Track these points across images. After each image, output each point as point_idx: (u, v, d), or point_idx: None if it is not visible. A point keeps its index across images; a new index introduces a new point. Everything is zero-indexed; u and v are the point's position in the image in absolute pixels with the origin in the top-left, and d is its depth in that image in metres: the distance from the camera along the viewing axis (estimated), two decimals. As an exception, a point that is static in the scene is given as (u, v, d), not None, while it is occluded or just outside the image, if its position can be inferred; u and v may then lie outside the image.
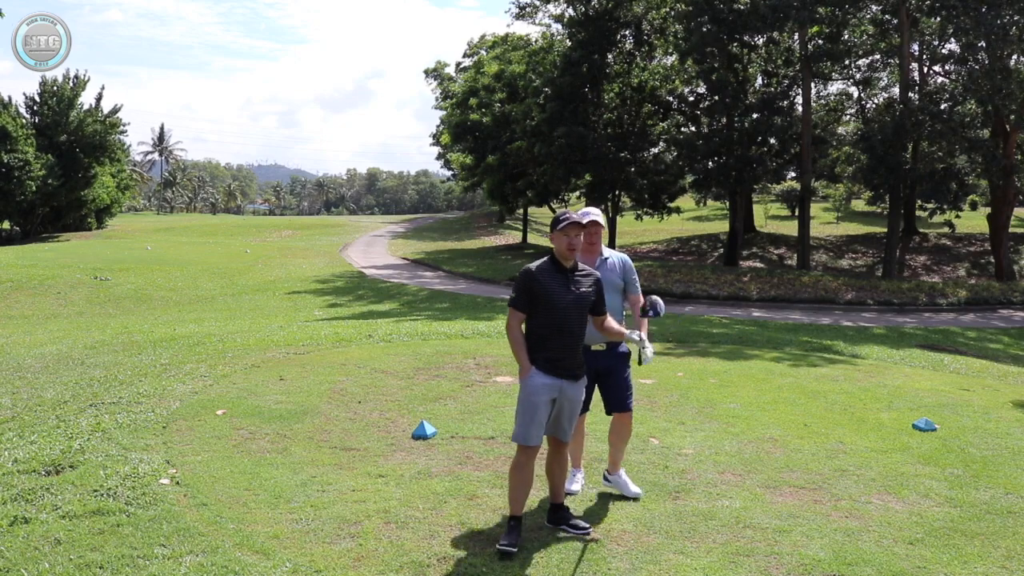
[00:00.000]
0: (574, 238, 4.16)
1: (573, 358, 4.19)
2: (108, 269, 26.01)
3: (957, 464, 5.62)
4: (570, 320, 4.15)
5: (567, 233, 4.15)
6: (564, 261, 4.19)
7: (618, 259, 4.83)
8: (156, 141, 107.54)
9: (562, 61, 30.38)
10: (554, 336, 4.14)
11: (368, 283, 25.83)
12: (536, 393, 4.12)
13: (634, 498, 4.70)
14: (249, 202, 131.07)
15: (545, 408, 4.14)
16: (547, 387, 4.13)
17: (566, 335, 4.15)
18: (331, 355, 9.19)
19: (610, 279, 4.71)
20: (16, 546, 3.90)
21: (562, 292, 4.14)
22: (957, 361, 10.99)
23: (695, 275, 25.68)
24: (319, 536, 4.11)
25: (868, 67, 32.11)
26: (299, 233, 47.10)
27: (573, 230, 4.15)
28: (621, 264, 4.83)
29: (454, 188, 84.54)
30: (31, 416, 6.63)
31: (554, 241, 4.23)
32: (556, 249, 4.21)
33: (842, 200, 49.40)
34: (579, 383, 4.24)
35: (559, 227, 4.15)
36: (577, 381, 4.22)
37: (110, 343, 11.30)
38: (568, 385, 4.19)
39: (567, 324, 4.14)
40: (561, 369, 4.15)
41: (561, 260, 4.20)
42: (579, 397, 4.26)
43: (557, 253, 4.21)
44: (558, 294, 4.13)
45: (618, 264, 4.82)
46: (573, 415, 4.26)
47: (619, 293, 4.80)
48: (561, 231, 4.15)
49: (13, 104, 43.67)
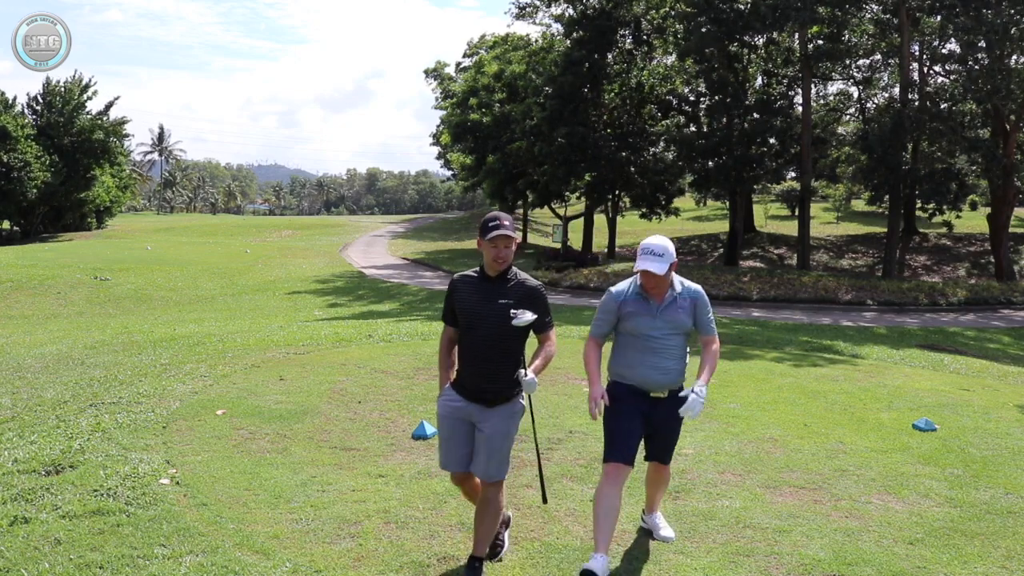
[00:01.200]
0: (503, 249, 3.68)
1: (487, 380, 3.70)
2: (108, 269, 26.00)
3: (957, 464, 5.62)
4: (489, 337, 3.67)
5: (496, 244, 3.67)
6: (490, 271, 3.76)
7: (691, 295, 4.02)
8: (156, 141, 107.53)
9: (562, 60, 30.39)
10: (468, 353, 3.74)
11: (368, 283, 25.83)
12: (443, 415, 3.79)
13: (665, 541, 4.21)
14: (249, 202, 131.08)
15: (460, 435, 3.75)
16: (454, 409, 3.75)
17: (480, 354, 3.69)
18: (331, 355, 9.19)
19: (676, 320, 3.97)
20: (16, 546, 3.90)
21: (481, 305, 3.70)
22: (957, 361, 10.98)
23: (695, 275, 25.66)
24: (319, 536, 4.11)
25: (868, 67, 32.11)
26: (299, 233, 47.11)
27: (503, 241, 3.67)
28: (692, 303, 4.02)
29: (454, 188, 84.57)
30: (31, 416, 6.62)
31: (481, 248, 3.74)
32: (484, 257, 3.76)
33: (842, 200, 49.38)
34: (497, 412, 3.72)
35: (488, 236, 3.67)
36: (491, 408, 3.71)
37: (110, 343, 11.29)
38: (479, 411, 3.72)
39: (484, 341, 3.68)
40: (470, 391, 3.72)
41: (488, 270, 3.76)
42: (501, 431, 3.72)
43: (484, 261, 3.77)
44: (477, 307, 3.70)
45: (689, 303, 4.01)
46: (493, 450, 3.71)
47: (684, 336, 4.03)
48: (490, 241, 3.67)
49: (16, 104, 43.70)
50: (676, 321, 3.96)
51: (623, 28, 31.22)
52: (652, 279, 3.90)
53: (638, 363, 3.94)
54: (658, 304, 3.95)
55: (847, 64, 30.62)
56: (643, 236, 4.53)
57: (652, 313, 3.94)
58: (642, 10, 30.55)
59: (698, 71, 29.79)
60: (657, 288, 3.93)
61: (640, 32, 31.39)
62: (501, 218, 3.69)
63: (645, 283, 3.94)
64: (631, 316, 3.96)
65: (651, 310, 3.95)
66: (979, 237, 37.42)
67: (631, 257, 35.85)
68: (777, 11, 25.63)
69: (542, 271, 27.61)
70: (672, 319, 3.96)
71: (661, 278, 3.88)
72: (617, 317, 4.00)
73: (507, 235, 3.65)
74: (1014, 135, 26.97)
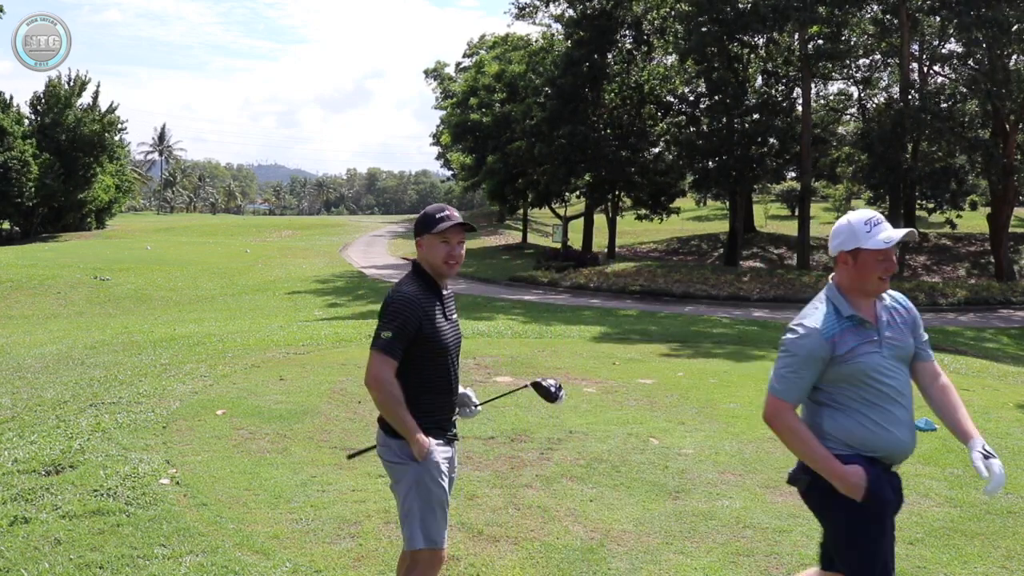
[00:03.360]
0: (457, 246, 2.93)
1: (452, 412, 3.09)
2: (108, 269, 26.00)
3: (957, 464, 5.61)
4: (455, 362, 3.03)
5: (449, 239, 2.90)
6: (439, 278, 2.97)
7: (903, 304, 2.80)
8: (156, 141, 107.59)
9: (563, 60, 30.41)
10: (441, 384, 2.97)
11: (368, 283, 25.83)
12: (444, 472, 2.95)
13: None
14: (249, 202, 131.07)
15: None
16: (449, 461, 3.02)
17: (450, 384, 3.01)
18: (331, 355, 9.20)
19: (902, 345, 2.72)
20: (16, 546, 3.90)
21: (443, 324, 2.95)
22: (957, 361, 10.99)
23: (695, 275, 25.68)
24: (319, 536, 4.11)
25: (868, 67, 32.13)
26: (299, 233, 47.11)
27: (457, 235, 2.92)
28: (910, 315, 2.79)
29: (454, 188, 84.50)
30: (31, 416, 6.62)
31: (426, 248, 2.92)
32: (428, 260, 2.93)
33: (842, 200, 49.37)
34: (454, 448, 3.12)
35: (438, 229, 2.88)
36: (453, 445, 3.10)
37: (110, 343, 11.29)
38: (454, 454, 3.11)
39: (452, 367, 3.00)
40: (445, 431, 3.02)
41: (435, 277, 2.96)
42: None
43: (429, 266, 2.94)
44: (443, 326, 2.94)
45: (907, 315, 2.78)
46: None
47: (908, 363, 2.75)
48: (439, 235, 2.89)
49: (14, 104, 43.72)
50: (903, 346, 2.71)
51: (623, 28, 31.24)
52: (891, 263, 2.65)
53: (884, 422, 2.63)
54: (873, 326, 2.67)
55: (847, 64, 30.62)
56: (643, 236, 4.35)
57: (877, 341, 2.66)
58: (642, 10, 30.56)
59: (698, 71, 29.79)
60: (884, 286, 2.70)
61: (640, 32, 31.40)
62: (448, 208, 2.95)
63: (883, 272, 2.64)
64: (855, 356, 2.61)
65: (872, 336, 2.66)
66: (979, 237, 37.40)
67: (631, 257, 35.89)
68: (777, 11, 25.64)
69: (542, 271, 27.62)
70: (898, 343, 2.70)
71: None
72: (825, 364, 2.63)
73: (462, 225, 2.91)
74: (1014, 135, 26.96)
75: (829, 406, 2.68)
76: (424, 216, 2.94)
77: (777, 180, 35.45)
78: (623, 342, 11.43)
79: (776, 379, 2.67)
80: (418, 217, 2.98)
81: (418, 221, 2.95)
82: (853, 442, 2.63)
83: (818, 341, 2.60)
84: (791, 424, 2.68)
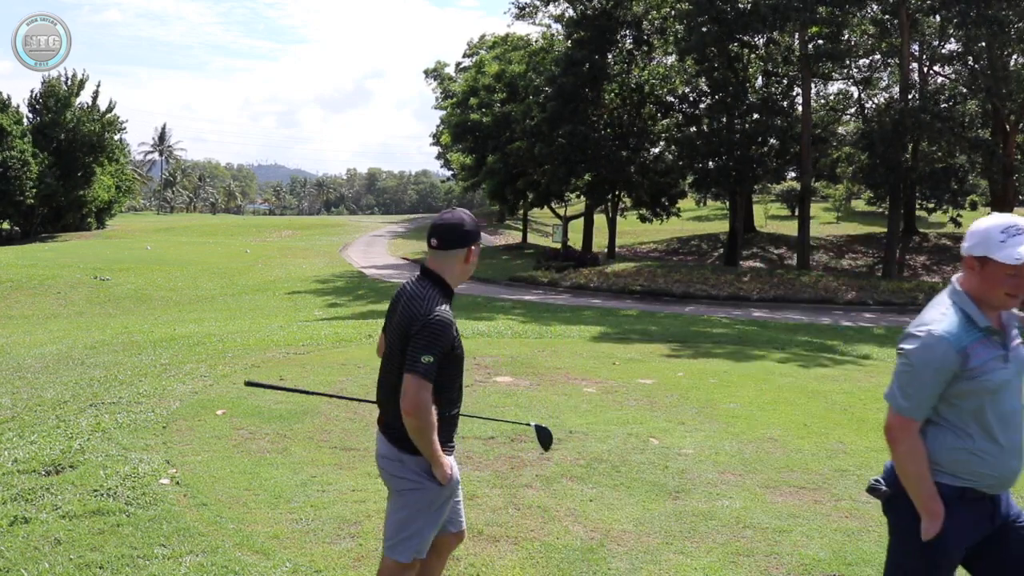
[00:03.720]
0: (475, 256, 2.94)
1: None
2: (108, 269, 26.00)
3: None
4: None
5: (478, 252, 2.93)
6: (456, 285, 2.93)
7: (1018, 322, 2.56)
8: (156, 141, 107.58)
9: (563, 60, 30.41)
10: (457, 397, 2.93)
11: (368, 283, 25.82)
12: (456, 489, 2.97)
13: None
14: (249, 202, 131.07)
15: None
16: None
17: (460, 395, 2.97)
18: (331, 355, 9.19)
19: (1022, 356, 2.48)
20: (16, 546, 3.90)
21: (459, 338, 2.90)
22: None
23: (695, 275, 25.67)
24: (319, 536, 4.11)
25: (868, 67, 32.11)
26: (299, 233, 47.11)
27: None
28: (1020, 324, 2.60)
29: (454, 188, 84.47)
30: (31, 416, 6.62)
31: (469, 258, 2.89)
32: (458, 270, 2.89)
33: (842, 200, 49.39)
34: None
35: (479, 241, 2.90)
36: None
37: (110, 343, 11.29)
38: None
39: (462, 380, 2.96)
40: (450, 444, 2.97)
41: (453, 286, 2.90)
42: None
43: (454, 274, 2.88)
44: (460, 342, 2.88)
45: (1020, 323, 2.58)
46: None
47: None
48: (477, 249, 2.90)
49: (12, 104, 43.72)
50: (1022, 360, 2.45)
51: (623, 28, 31.22)
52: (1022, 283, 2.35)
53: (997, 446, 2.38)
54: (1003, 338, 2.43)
55: (847, 64, 30.62)
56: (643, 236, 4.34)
57: (1004, 355, 2.40)
58: (642, 10, 30.55)
59: (698, 71, 29.79)
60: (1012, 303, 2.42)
61: (640, 32, 31.38)
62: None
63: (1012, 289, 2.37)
64: (984, 371, 2.35)
65: (1000, 351, 2.40)
66: (979, 237, 37.34)
67: (631, 257, 35.86)
68: (777, 11, 25.64)
69: (542, 271, 27.63)
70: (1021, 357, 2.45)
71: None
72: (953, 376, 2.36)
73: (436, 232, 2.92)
74: (1014, 135, 26.98)
75: (938, 424, 2.42)
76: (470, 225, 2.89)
77: (777, 180, 35.43)
78: (623, 342, 11.43)
79: (901, 395, 2.39)
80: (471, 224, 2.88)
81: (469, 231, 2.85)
82: (957, 469, 2.39)
83: (948, 352, 2.32)
84: (916, 448, 2.39)
